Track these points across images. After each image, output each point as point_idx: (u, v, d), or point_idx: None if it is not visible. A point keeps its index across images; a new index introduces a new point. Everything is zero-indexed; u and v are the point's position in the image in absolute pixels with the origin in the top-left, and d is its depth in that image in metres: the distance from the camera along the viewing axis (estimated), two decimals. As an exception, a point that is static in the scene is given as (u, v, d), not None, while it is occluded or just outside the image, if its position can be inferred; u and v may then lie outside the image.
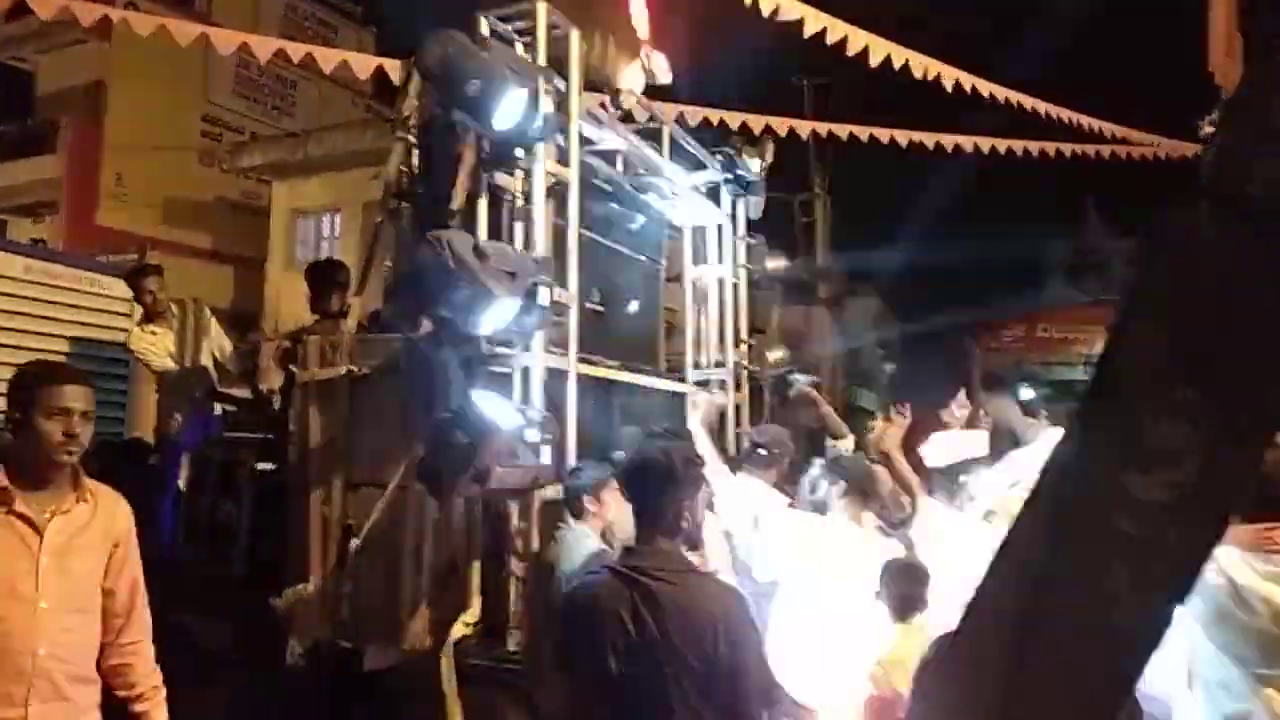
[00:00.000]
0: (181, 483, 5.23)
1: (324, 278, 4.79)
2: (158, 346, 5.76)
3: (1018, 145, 8.18)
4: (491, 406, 3.34)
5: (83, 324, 7.54)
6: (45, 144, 17.30)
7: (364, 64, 5.49)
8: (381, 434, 3.99)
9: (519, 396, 3.77)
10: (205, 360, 5.75)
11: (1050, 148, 8.83)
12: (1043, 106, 7.36)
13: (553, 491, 3.73)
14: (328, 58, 5.46)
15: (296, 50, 5.54)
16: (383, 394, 3.93)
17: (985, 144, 8.17)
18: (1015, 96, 6.96)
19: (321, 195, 14.48)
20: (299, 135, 15.63)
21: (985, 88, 6.68)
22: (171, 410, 5.54)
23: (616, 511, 3.33)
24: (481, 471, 3.18)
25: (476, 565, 3.67)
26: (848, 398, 12.82)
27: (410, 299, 3.87)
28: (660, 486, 2.54)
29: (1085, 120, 8.16)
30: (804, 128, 6.89)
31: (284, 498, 4.35)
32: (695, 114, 6.23)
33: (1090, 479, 1.24)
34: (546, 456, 3.60)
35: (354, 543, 3.97)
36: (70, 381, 2.64)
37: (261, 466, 4.89)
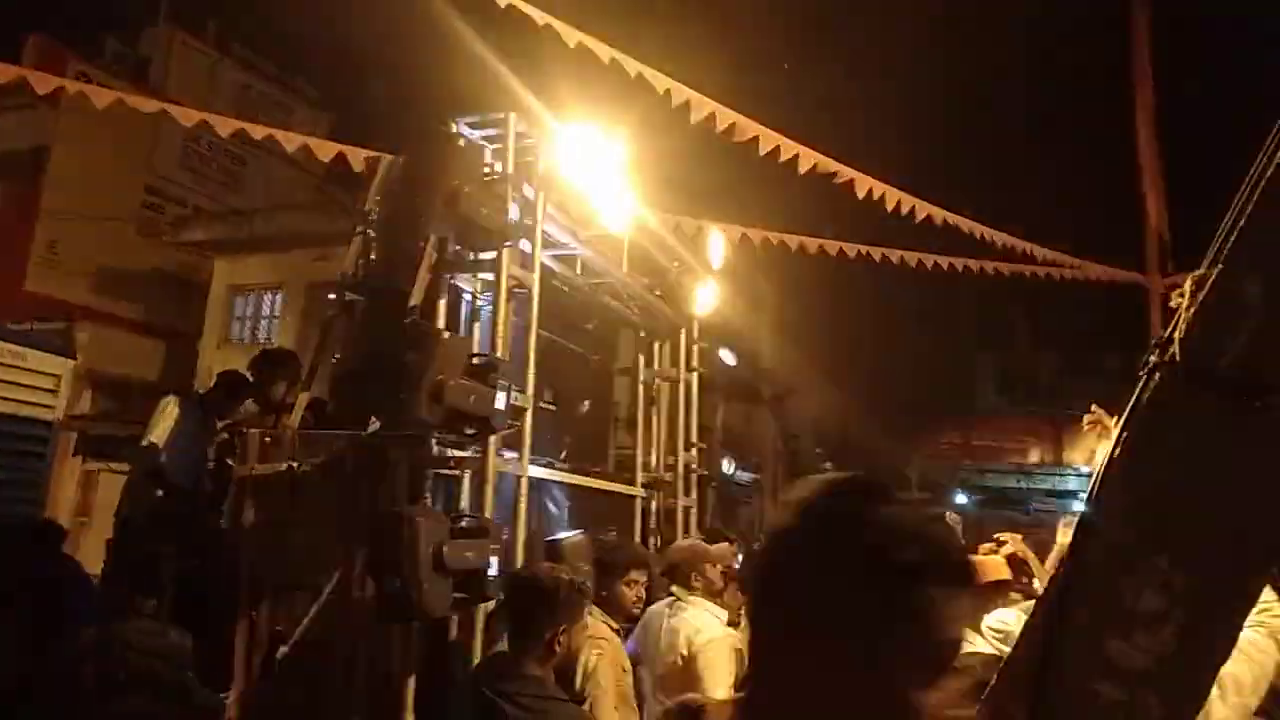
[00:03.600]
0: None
1: (272, 367, 4.63)
2: None
3: (955, 262, 8.49)
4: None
5: (3, 399, 7.17)
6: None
7: (326, 149, 5.46)
8: (320, 535, 3.81)
9: (467, 500, 3.65)
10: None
11: (987, 266, 9.17)
12: (979, 229, 7.67)
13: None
14: (290, 140, 5.42)
15: (258, 130, 5.49)
16: (324, 493, 3.77)
17: (918, 259, 8.46)
18: (953, 218, 7.23)
19: (263, 273, 14.25)
20: (245, 212, 15.47)
21: (923, 209, 6.94)
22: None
23: None
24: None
25: (412, 680, 3.47)
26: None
27: (360, 394, 3.78)
28: (540, 610, 2.51)
29: (1019, 243, 8.53)
30: (755, 235, 7.04)
31: (209, 596, 4.10)
32: (654, 218, 6.31)
33: (1072, 648, 1.22)
34: (493, 565, 3.47)
35: (281, 650, 3.74)
36: None
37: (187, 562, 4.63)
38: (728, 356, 6.61)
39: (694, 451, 6.16)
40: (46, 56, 14.88)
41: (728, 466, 7.14)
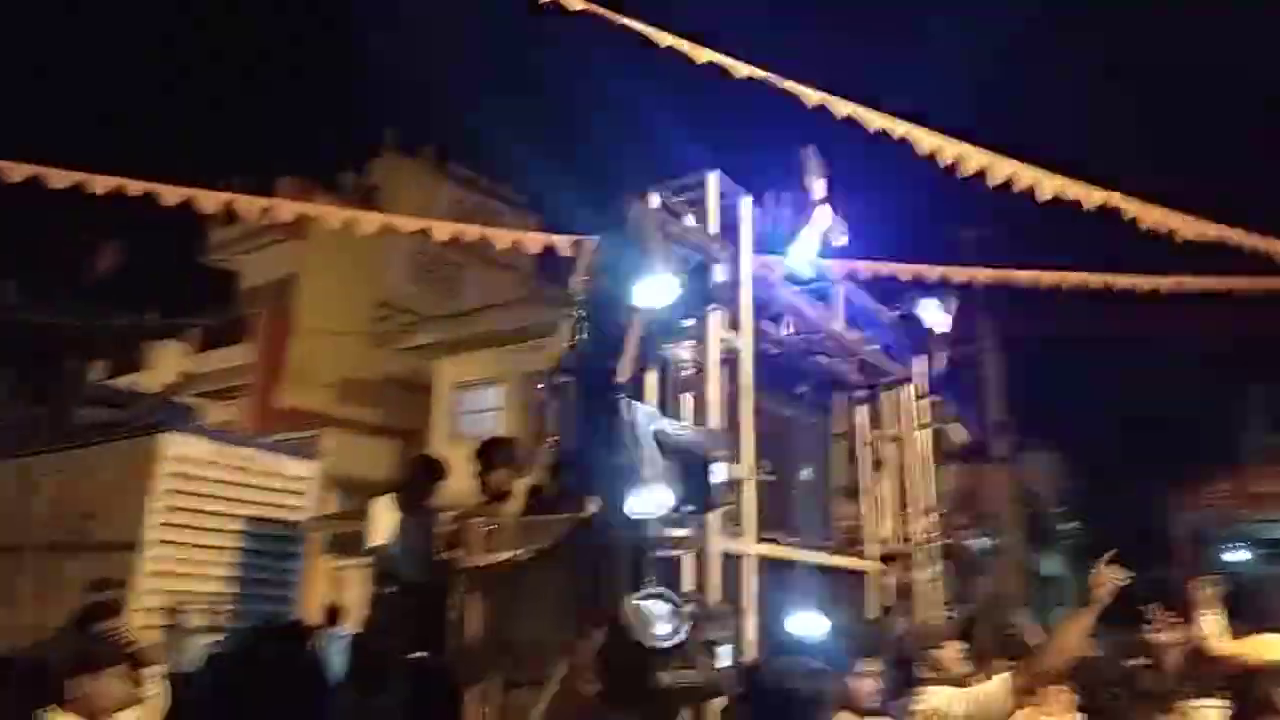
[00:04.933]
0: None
1: (491, 455, 4.67)
2: None
3: (1220, 283, 7.43)
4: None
5: (261, 504, 7.77)
6: (241, 334, 19.03)
7: (534, 241, 5.64)
8: (544, 626, 3.68)
9: (691, 583, 3.40)
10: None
11: (1254, 283, 7.99)
12: (1255, 240, 6.64)
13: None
14: (499, 237, 5.65)
15: (471, 232, 5.76)
16: (547, 581, 3.65)
17: (1178, 284, 7.47)
18: (1221, 232, 6.29)
19: (482, 369, 14.99)
20: (463, 314, 16.45)
21: (1177, 223, 6.10)
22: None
23: None
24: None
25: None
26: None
27: (576, 475, 3.66)
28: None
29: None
30: (980, 275, 6.49)
31: (440, 693, 4.06)
32: (865, 269, 5.98)
33: None
34: (725, 656, 3.17)
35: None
36: None
37: (416, 656, 4.65)
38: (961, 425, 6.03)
39: (931, 519, 5.61)
40: (295, 194, 16.77)
41: (969, 535, 6.49)
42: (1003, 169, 5.55)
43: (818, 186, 3.80)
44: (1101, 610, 3.15)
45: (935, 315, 5.23)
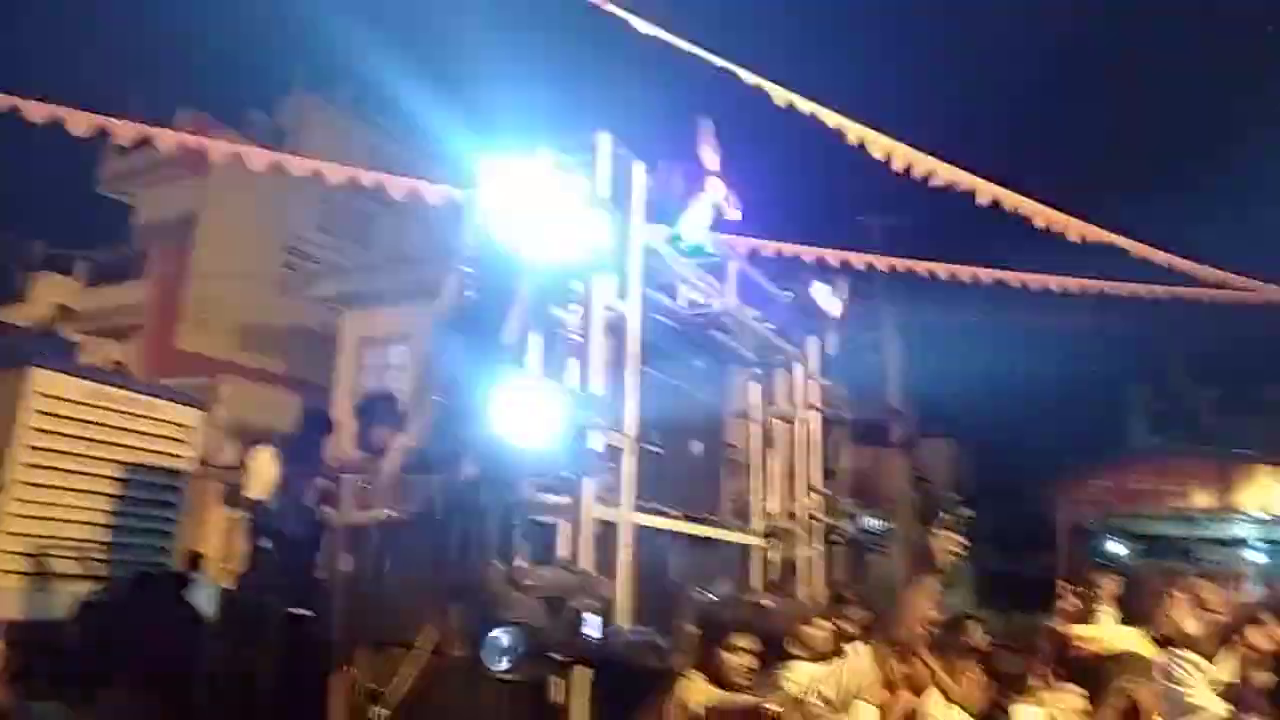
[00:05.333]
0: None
1: (370, 412, 4.56)
2: None
3: (1108, 286, 7.76)
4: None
5: (140, 449, 7.42)
6: (136, 270, 18.16)
7: (432, 193, 5.47)
8: (414, 588, 3.62)
9: (565, 551, 3.39)
10: None
11: (1140, 289, 8.38)
12: (1140, 248, 6.96)
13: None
14: (396, 185, 5.46)
15: (365, 178, 5.56)
16: (419, 543, 3.59)
17: (1071, 284, 7.77)
18: (1108, 237, 6.57)
19: (390, 325, 14.64)
20: (372, 267, 16.03)
21: (1077, 229, 6.34)
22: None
23: None
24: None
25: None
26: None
27: (455, 436, 3.60)
28: (632, 690, 2.09)
29: (1181, 263, 7.73)
30: (880, 262, 6.62)
31: (311, 651, 3.97)
32: (767, 248, 6.02)
33: None
34: (594, 625, 3.17)
35: (378, 713, 3.55)
36: None
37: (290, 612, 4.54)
38: (845, 396, 6.15)
39: (816, 498, 5.73)
40: (196, 130, 15.98)
41: (855, 514, 6.68)
42: (903, 155, 5.65)
43: (711, 158, 3.79)
44: (941, 575, 3.29)
45: (827, 299, 5.31)
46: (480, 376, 3.39)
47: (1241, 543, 16.59)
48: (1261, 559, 16.24)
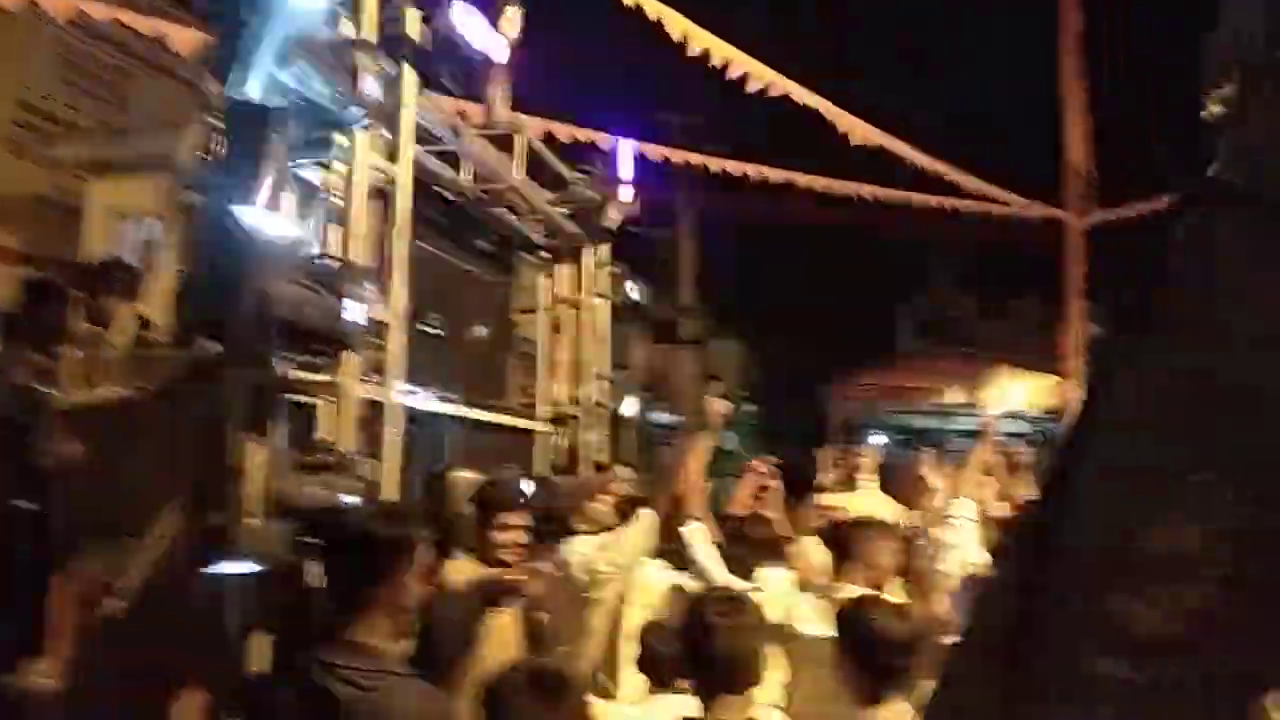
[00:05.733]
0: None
1: (99, 280, 3.99)
2: None
3: (883, 193, 8.15)
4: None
5: None
6: None
7: (184, 41, 4.71)
8: (150, 475, 3.26)
9: (326, 430, 3.15)
10: None
11: (916, 197, 8.87)
12: (910, 152, 7.29)
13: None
14: (139, 24, 4.64)
15: (96, 10, 4.73)
16: (155, 423, 3.21)
17: (854, 189, 8.10)
18: (880, 136, 6.82)
19: (144, 197, 13.14)
20: (124, 131, 14.22)
21: (846, 122, 6.51)
22: None
23: None
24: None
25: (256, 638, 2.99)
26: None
27: (199, 308, 3.21)
28: (363, 565, 1.97)
29: (950, 171, 8.22)
30: (675, 155, 6.56)
31: (31, 543, 3.53)
32: (561, 131, 5.77)
33: (1060, 613, 0.82)
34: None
35: (108, 605, 3.21)
36: None
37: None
38: (639, 290, 6.15)
39: (602, 385, 5.73)
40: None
41: (642, 406, 6.81)
42: (721, 51, 5.54)
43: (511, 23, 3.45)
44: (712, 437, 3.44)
45: (619, 176, 5.19)
46: (226, 243, 3.02)
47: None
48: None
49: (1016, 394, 19.02)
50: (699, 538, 3.32)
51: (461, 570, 2.82)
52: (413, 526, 2.01)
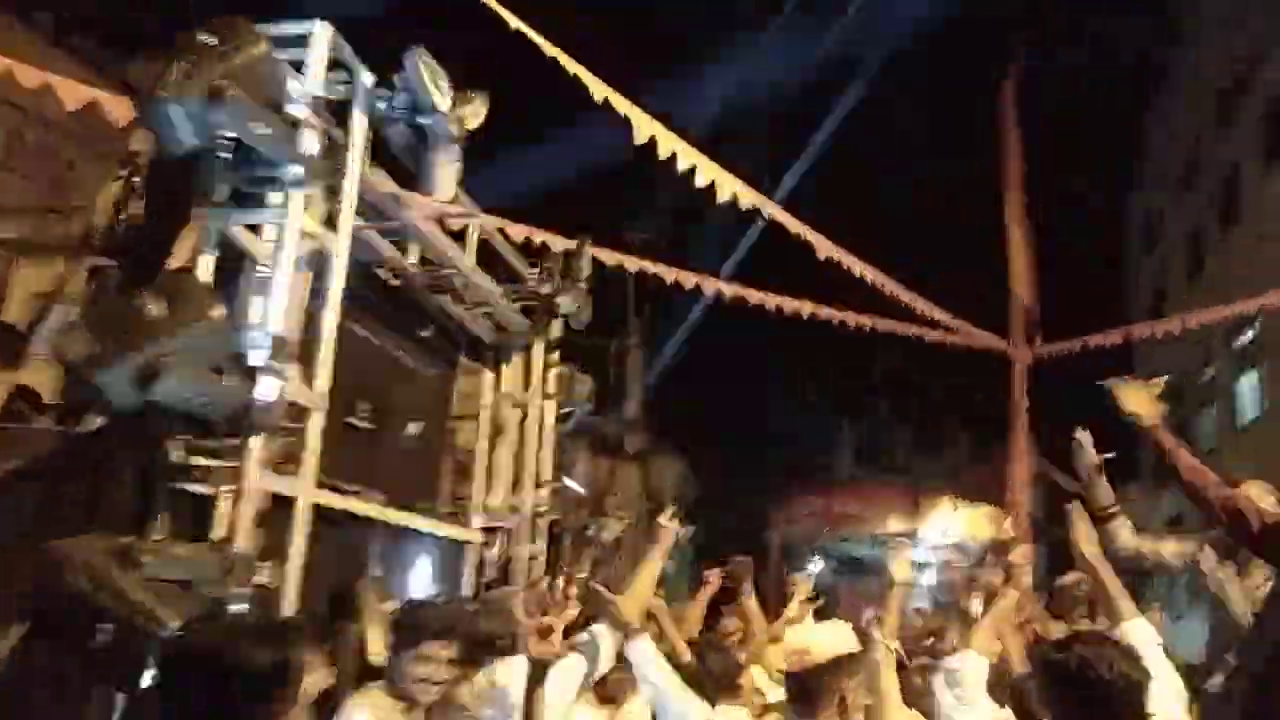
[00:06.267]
0: None
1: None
2: None
3: (836, 314, 8.10)
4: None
5: None
6: None
7: (71, 93, 4.20)
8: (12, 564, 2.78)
9: (223, 529, 2.72)
10: None
11: (864, 320, 8.84)
12: (862, 268, 7.26)
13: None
14: (25, 74, 4.21)
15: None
16: (18, 506, 2.76)
17: (811, 310, 8.03)
18: (838, 253, 6.77)
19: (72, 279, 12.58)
20: (55, 209, 13.74)
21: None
22: None
23: None
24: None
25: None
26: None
27: (88, 379, 2.81)
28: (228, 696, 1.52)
29: (903, 293, 8.23)
30: (629, 262, 6.41)
31: None
32: (516, 230, 5.56)
33: None
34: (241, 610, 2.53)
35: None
36: None
37: None
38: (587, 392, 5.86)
39: (545, 492, 5.34)
40: None
41: (588, 521, 6.46)
42: (689, 157, 5.46)
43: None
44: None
45: (576, 274, 4.96)
46: (128, 305, 2.66)
47: (929, 566, 18.23)
48: (934, 579, 17.87)
49: (956, 525, 18.96)
50: (647, 656, 2.94)
51: (365, 705, 2.37)
52: (295, 649, 1.57)
